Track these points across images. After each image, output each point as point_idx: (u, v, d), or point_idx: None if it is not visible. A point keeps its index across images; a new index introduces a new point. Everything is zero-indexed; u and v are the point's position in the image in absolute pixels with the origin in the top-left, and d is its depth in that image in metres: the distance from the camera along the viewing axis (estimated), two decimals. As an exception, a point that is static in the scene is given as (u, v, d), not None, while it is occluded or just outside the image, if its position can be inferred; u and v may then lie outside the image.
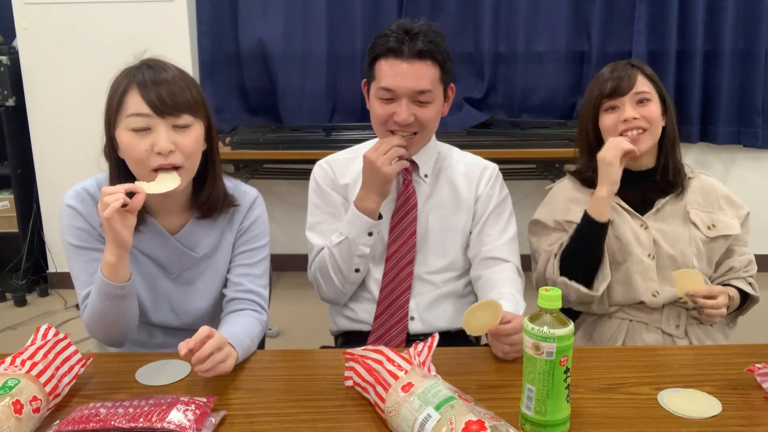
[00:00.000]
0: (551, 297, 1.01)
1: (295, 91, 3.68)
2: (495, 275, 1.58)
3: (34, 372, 1.07)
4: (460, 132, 3.57)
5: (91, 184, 1.38)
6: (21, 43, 3.47)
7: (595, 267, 1.61)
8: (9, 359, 1.09)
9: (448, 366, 1.21)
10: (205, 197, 1.39)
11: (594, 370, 1.25)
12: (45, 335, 1.15)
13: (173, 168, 1.28)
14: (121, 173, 1.32)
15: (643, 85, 1.61)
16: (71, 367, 1.15)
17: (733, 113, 3.64)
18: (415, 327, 1.61)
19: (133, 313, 1.34)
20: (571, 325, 1.01)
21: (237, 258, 1.46)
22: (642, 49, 3.52)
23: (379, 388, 1.07)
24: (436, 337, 1.17)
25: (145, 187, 1.22)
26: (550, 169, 3.42)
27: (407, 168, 1.61)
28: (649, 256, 1.62)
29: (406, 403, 1.01)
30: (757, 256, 1.67)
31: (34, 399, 1.03)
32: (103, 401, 1.10)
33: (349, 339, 1.66)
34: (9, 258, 3.68)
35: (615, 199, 1.64)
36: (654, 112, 1.60)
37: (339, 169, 1.67)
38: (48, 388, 1.07)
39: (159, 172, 1.27)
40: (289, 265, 3.47)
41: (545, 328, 0.99)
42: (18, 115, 3.55)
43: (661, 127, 1.63)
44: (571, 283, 1.60)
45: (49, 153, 3.58)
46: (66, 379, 1.13)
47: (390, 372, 1.07)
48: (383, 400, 1.06)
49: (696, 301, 1.50)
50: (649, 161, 1.66)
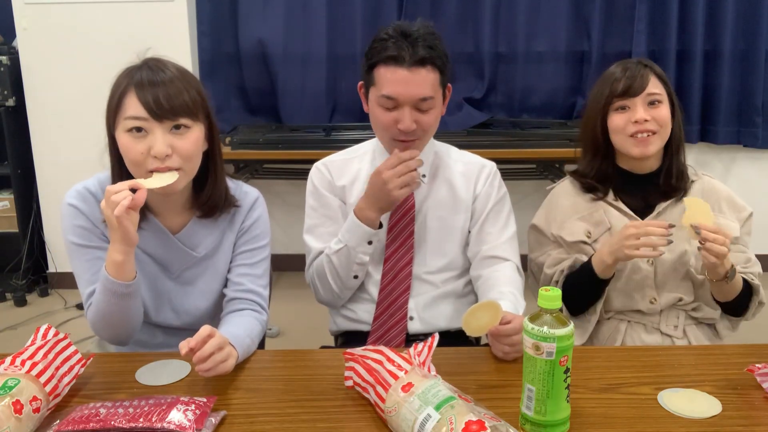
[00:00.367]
0: (551, 297, 1.01)
1: (295, 91, 3.68)
2: (495, 274, 1.58)
3: (34, 372, 1.07)
4: (460, 132, 3.57)
5: (92, 183, 1.39)
6: (21, 43, 3.47)
7: (590, 303, 1.62)
8: (9, 359, 1.09)
9: (448, 366, 1.21)
10: (207, 197, 1.40)
11: (594, 370, 1.25)
12: (45, 335, 1.15)
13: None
14: (123, 171, 1.32)
15: (655, 86, 1.57)
16: (71, 367, 1.15)
17: (733, 113, 3.64)
18: (414, 327, 1.61)
19: (139, 311, 1.34)
20: (571, 325, 1.01)
21: (237, 258, 1.46)
22: (642, 49, 3.52)
23: (379, 388, 1.07)
24: (436, 337, 1.17)
25: (144, 183, 1.22)
26: (550, 169, 3.42)
27: None
28: (648, 262, 1.60)
29: (406, 403, 1.01)
30: (757, 256, 1.64)
31: (34, 399, 1.03)
32: (103, 401, 1.10)
33: (349, 339, 1.66)
34: (9, 258, 3.68)
35: (616, 204, 1.64)
36: (665, 115, 1.57)
37: (336, 170, 1.66)
38: (48, 388, 1.07)
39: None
40: (289, 265, 3.47)
41: (545, 328, 0.99)
42: (18, 115, 3.55)
43: (670, 127, 1.60)
44: (565, 311, 1.61)
45: (49, 153, 3.58)
46: (66, 379, 1.13)
47: (390, 372, 1.07)
48: (383, 400, 1.06)
49: (699, 232, 1.42)
50: (653, 163, 1.63)
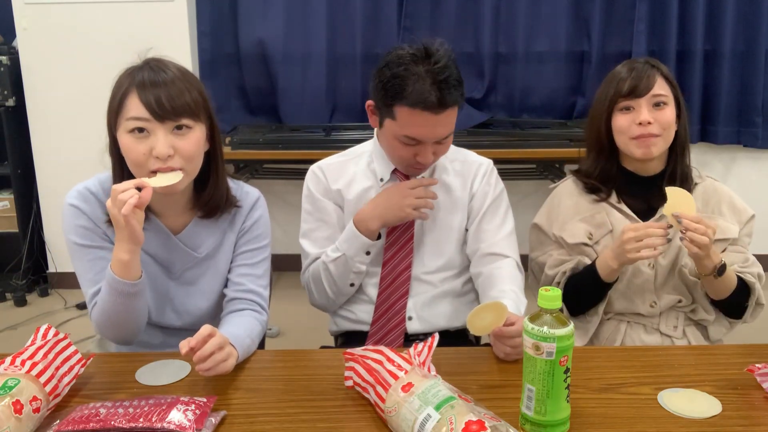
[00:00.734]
0: (551, 297, 1.01)
1: (295, 91, 3.68)
2: (495, 272, 1.57)
3: (34, 372, 1.07)
4: (460, 132, 3.57)
5: (92, 184, 1.39)
6: (21, 43, 3.47)
7: (592, 306, 1.62)
8: (9, 359, 1.09)
9: (448, 366, 1.21)
10: (208, 197, 1.39)
11: (594, 370, 1.25)
12: (45, 335, 1.15)
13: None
14: (125, 172, 1.32)
15: (661, 87, 1.55)
16: (71, 367, 1.15)
17: (733, 113, 3.63)
18: (413, 327, 1.61)
19: (144, 310, 1.34)
20: (571, 325, 1.01)
21: (238, 258, 1.46)
22: (642, 49, 3.52)
23: (379, 388, 1.07)
24: (436, 337, 1.17)
25: (148, 182, 1.22)
26: (550, 169, 3.42)
27: (404, 174, 1.61)
28: (649, 265, 1.60)
29: (406, 403, 1.01)
30: (758, 257, 1.63)
31: (34, 399, 1.03)
32: (103, 401, 1.10)
33: (349, 339, 1.66)
34: (9, 258, 3.68)
35: (619, 206, 1.63)
36: (669, 117, 1.55)
37: (332, 173, 1.65)
38: (48, 388, 1.07)
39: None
40: (289, 265, 3.46)
41: (545, 328, 0.99)
42: (18, 115, 3.55)
43: (674, 129, 1.58)
44: (565, 311, 1.61)
45: (49, 153, 3.58)
46: (66, 379, 1.13)
47: (390, 372, 1.07)
48: (383, 400, 1.06)
49: (681, 221, 1.41)
50: (657, 165, 1.62)
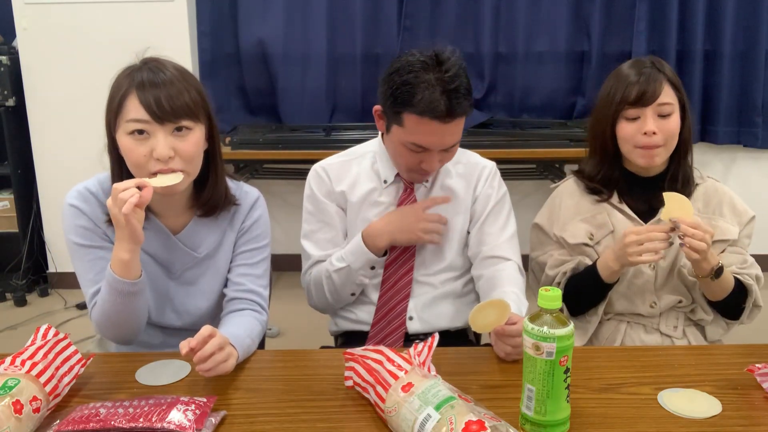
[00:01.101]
0: (551, 297, 1.01)
1: (295, 91, 3.68)
2: (497, 274, 1.57)
3: (34, 372, 1.07)
4: (461, 132, 3.57)
5: (92, 184, 1.38)
6: (21, 43, 3.46)
7: (593, 305, 1.61)
8: (9, 359, 1.09)
9: (448, 366, 1.21)
10: (207, 196, 1.39)
11: (594, 370, 1.25)
12: (45, 335, 1.15)
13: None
14: (124, 172, 1.32)
15: (667, 95, 1.52)
16: (71, 367, 1.15)
17: (733, 113, 3.63)
18: (413, 327, 1.61)
19: (144, 309, 1.34)
20: (571, 325, 1.01)
21: (238, 258, 1.46)
22: (642, 49, 3.52)
23: (379, 388, 1.07)
24: (436, 337, 1.17)
25: (149, 182, 1.22)
26: (550, 169, 3.42)
27: None
28: (650, 267, 1.59)
29: (406, 403, 1.01)
30: (758, 257, 1.63)
31: (34, 399, 1.03)
32: (103, 401, 1.10)
33: (349, 339, 1.66)
34: (9, 258, 3.67)
35: (620, 206, 1.62)
36: (674, 127, 1.53)
37: (335, 174, 1.64)
38: (48, 388, 1.07)
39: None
40: (289, 265, 3.46)
41: (545, 328, 0.99)
42: (18, 115, 3.55)
43: (678, 135, 1.56)
44: (565, 311, 1.60)
45: (49, 153, 3.58)
46: (66, 379, 1.13)
47: (390, 372, 1.07)
48: (383, 400, 1.06)
49: (678, 227, 1.40)
50: (659, 167, 1.60)
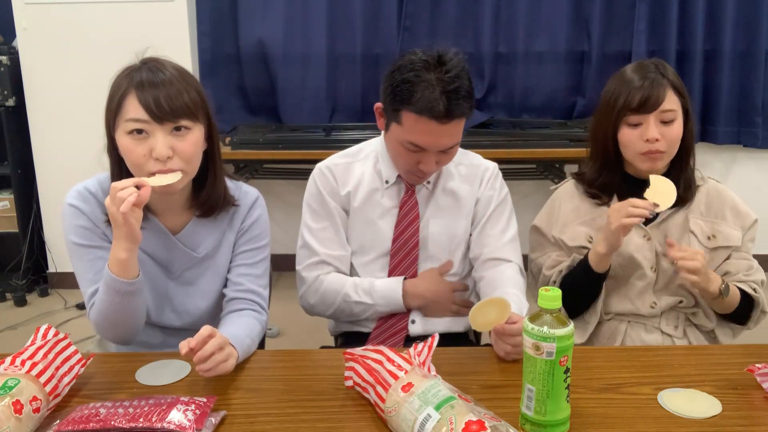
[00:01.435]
0: (551, 297, 1.01)
1: (295, 91, 3.68)
2: (498, 275, 1.57)
3: (34, 372, 1.07)
4: (460, 132, 3.57)
5: (92, 184, 1.39)
6: (21, 43, 3.46)
7: (589, 303, 1.59)
8: (9, 359, 1.09)
9: (448, 366, 1.21)
10: (206, 196, 1.39)
11: (594, 370, 1.25)
12: (45, 335, 1.15)
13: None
14: (123, 172, 1.32)
15: (670, 101, 1.49)
16: (71, 367, 1.15)
17: (733, 113, 3.63)
18: (415, 329, 1.61)
19: (142, 309, 1.34)
20: (571, 325, 1.01)
21: (237, 258, 1.46)
22: (642, 49, 3.51)
23: (379, 388, 1.07)
24: (436, 337, 1.17)
25: (147, 181, 1.22)
26: (550, 169, 3.41)
27: None
28: (651, 269, 1.58)
29: (406, 403, 1.01)
30: (759, 257, 1.62)
31: (34, 399, 1.03)
32: (103, 401, 1.10)
33: (349, 339, 1.66)
34: (9, 258, 3.67)
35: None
36: (676, 133, 1.51)
37: (340, 175, 1.63)
38: (48, 388, 1.07)
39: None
40: (289, 265, 3.44)
41: (545, 328, 0.99)
42: (18, 115, 3.54)
43: (680, 141, 1.54)
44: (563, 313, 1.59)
45: (49, 153, 3.57)
46: (66, 379, 1.13)
47: (390, 372, 1.07)
48: (383, 400, 1.06)
49: (668, 255, 1.40)
50: (660, 171, 1.56)
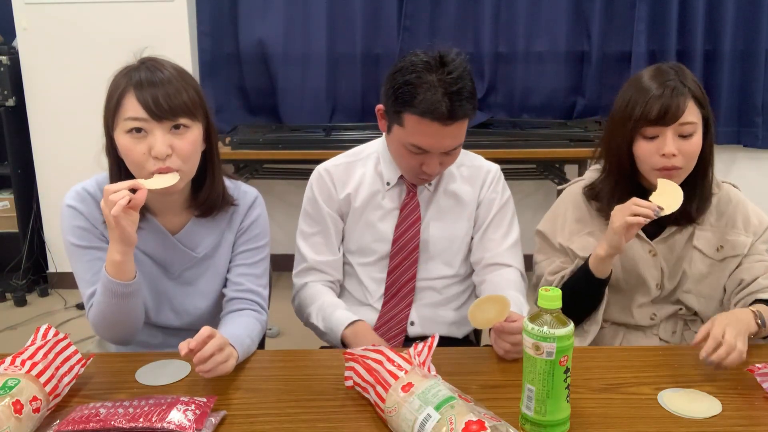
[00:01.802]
0: (551, 297, 1.01)
1: (295, 91, 3.68)
2: (498, 278, 1.57)
3: (34, 372, 1.07)
4: (461, 132, 3.57)
5: (90, 184, 1.39)
6: (21, 43, 3.46)
7: (590, 310, 1.54)
8: (9, 359, 1.09)
9: (448, 366, 1.21)
10: (205, 196, 1.39)
11: (594, 370, 1.25)
12: (45, 335, 1.15)
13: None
14: (122, 172, 1.32)
15: (691, 113, 1.39)
16: (71, 367, 1.15)
17: (733, 113, 3.63)
18: (414, 331, 1.60)
19: (140, 311, 1.34)
20: (571, 325, 1.01)
21: (237, 258, 1.46)
22: (642, 49, 3.50)
23: (379, 388, 1.07)
24: (436, 337, 1.17)
25: (144, 183, 1.22)
26: (550, 169, 3.41)
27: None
28: (657, 286, 1.53)
29: (406, 403, 1.01)
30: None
31: (34, 399, 1.03)
32: (103, 401, 1.10)
33: (349, 340, 1.66)
34: (9, 258, 3.67)
35: None
36: (695, 148, 1.41)
37: (339, 177, 1.61)
38: (48, 388, 1.08)
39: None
40: (289, 265, 3.43)
41: (545, 328, 0.99)
42: (18, 115, 3.54)
43: (698, 156, 1.44)
44: None
45: (49, 153, 3.57)
46: (66, 379, 1.13)
47: (390, 372, 1.07)
48: (383, 400, 1.06)
49: (707, 359, 1.21)
50: (676, 182, 1.44)
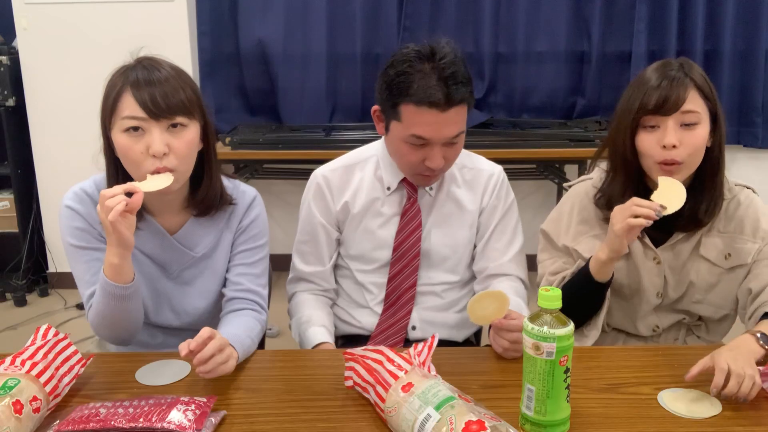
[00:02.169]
0: (551, 297, 1.01)
1: (295, 91, 3.68)
2: (501, 284, 1.57)
3: (34, 372, 1.07)
4: (461, 132, 3.57)
5: (88, 185, 1.39)
6: (21, 43, 3.46)
7: (590, 314, 1.46)
8: (9, 359, 1.09)
9: (448, 366, 1.21)
10: (202, 195, 1.39)
11: (594, 370, 1.25)
12: (45, 335, 1.15)
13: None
14: (119, 172, 1.32)
15: (693, 102, 1.33)
16: (71, 367, 1.15)
17: (733, 113, 3.62)
18: (415, 335, 1.60)
19: (139, 312, 1.34)
20: (571, 325, 1.01)
21: (236, 257, 1.46)
22: (642, 49, 3.50)
23: (379, 388, 1.07)
24: (436, 337, 1.17)
25: (140, 186, 1.22)
26: (550, 169, 3.41)
27: (412, 185, 1.56)
28: (657, 294, 1.49)
29: (406, 403, 1.01)
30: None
31: (34, 399, 1.03)
32: (103, 401, 1.10)
33: (349, 341, 1.66)
34: (9, 258, 3.67)
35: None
36: (698, 141, 1.33)
37: (338, 182, 1.59)
38: (48, 388, 1.08)
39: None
40: (288, 265, 3.46)
41: (545, 328, 0.99)
42: (18, 115, 3.54)
43: (704, 151, 1.36)
44: None
45: (49, 153, 3.58)
46: (66, 379, 1.13)
47: (390, 372, 1.07)
48: (383, 400, 1.06)
49: (721, 395, 1.13)
50: (684, 183, 1.36)
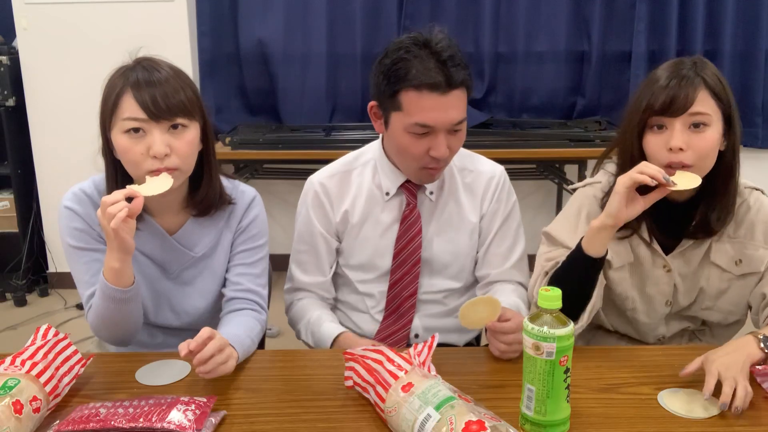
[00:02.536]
0: (551, 297, 1.01)
1: (295, 91, 3.69)
2: (502, 290, 1.56)
3: (34, 372, 1.07)
4: (461, 132, 3.57)
5: (87, 186, 1.39)
6: (21, 43, 3.47)
7: (581, 303, 1.33)
8: (9, 359, 1.10)
9: (448, 366, 1.21)
10: (202, 195, 1.39)
11: (594, 370, 1.25)
12: (45, 335, 1.15)
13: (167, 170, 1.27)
14: (118, 173, 1.32)
15: (703, 103, 1.26)
16: (71, 367, 1.15)
17: (733, 113, 3.63)
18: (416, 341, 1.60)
19: (138, 314, 1.34)
20: (571, 325, 1.01)
21: (236, 257, 1.46)
22: (642, 49, 3.50)
23: (379, 388, 1.07)
24: (436, 337, 1.17)
25: (139, 190, 1.22)
26: (550, 169, 3.42)
27: (411, 190, 1.54)
28: (666, 303, 1.43)
29: (406, 403, 1.01)
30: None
31: (34, 399, 1.03)
32: (103, 401, 1.10)
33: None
34: (9, 258, 3.67)
35: (643, 233, 1.39)
36: (707, 144, 1.26)
37: (336, 190, 1.56)
38: (48, 388, 1.08)
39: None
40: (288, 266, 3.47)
41: (545, 328, 0.99)
42: (18, 115, 3.54)
43: (716, 155, 1.29)
44: None
45: (49, 153, 3.58)
46: (66, 379, 1.13)
47: (390, 372, 1.07)
48: (383, 400, 1.06)
49: (723, 407, 1.09)
50: (690, 191, 1.31)
